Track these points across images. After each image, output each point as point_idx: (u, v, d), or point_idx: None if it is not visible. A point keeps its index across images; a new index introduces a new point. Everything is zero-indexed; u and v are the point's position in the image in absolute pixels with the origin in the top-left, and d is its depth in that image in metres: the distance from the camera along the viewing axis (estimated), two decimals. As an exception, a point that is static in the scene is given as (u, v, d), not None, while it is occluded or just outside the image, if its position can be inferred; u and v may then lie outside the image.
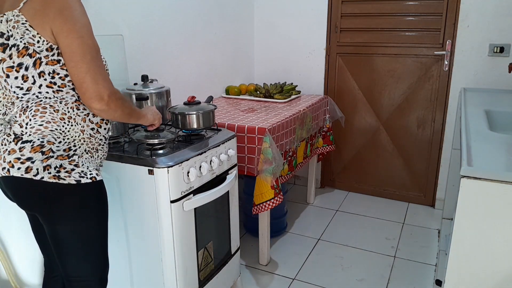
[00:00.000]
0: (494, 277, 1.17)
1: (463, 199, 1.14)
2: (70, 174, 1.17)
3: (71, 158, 1.19)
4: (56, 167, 1.15)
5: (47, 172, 1.14)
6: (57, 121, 1.17)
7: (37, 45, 1.12)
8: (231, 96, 2.83)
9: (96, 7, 1.80)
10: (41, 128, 1.15)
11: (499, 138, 1.41)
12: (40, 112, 1.16)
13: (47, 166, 1.14)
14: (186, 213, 1.54)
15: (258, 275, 2.23)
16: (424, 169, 2.95)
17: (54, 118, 1.17)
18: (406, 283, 2.13)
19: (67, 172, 1.17)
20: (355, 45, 2.93)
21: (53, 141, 1.16)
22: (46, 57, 1.13)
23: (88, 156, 1.25)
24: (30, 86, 1.15)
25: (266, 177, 2.02)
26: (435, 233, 2.63)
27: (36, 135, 1.15)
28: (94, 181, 1.23)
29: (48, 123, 1.16)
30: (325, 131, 2.87)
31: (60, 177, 1.16)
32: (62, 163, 1.17)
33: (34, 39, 1.11)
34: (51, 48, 1.13)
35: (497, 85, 2.56)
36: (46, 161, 1.14)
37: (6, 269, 1.68)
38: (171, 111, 1.76)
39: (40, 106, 1.16)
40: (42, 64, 1.13)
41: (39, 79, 1.15)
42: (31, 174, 1.13)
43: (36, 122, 1.15)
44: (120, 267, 1.67)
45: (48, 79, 1.15)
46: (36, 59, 1.13)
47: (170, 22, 2.27)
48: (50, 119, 1.16)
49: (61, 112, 1.17)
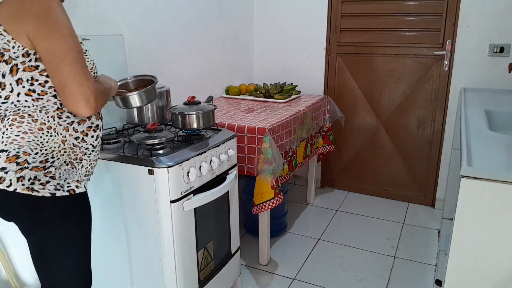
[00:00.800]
0: (494, 277, 1.17)
1: (463, 199, 1.14)
2: (45, 186, 1.11)
3: (47, 170, 1.12)
4: (30, 178, 1.09)
5: (20, 184, 1.08)
6: (34, 132, 1.11)
7: (12, 51, 1.06)
8: (231, 96, 2.83)
9: (96, 7, 1.81)
10: (17, 139, 1.09)
11: (499, 138, 1.41)
12: (17, 121, 1.10)
13: (21, 177, 1.08)
14: (186, 213, 1.54)
15: (258, 275, 2.23)
16: (424, 169, 2.95)
17: (32, 129, 1.10)
18: (406, 283, 2.13)
19: (41, 184, 1.10)
20: (355, 45, 2.93)
21: (29, 152, 1.10)
22: (23, 63, 1.07)
23: (69, 167, 1.18)
24: (8, 94, 1.09)
25: (266, 177, 2.02)
26: (435, 233, 2.63)
27: (12, 145, 1.09)
28: (72, 194, 1.16)
29: (24, 133, 1.10)
30: (325, 131, 2.87)
31: (34, 189, 1.09)
32: (37, 174, 1.10)
33: (9, 45, 1.05)
34: (28, 54, 1.07)
35: (497, 85, 2.56)
36: (19, 172, 1.08)
37: (6, 269, 1.69)
38: (171, 111, 1.76)
39: (18, 115, 1.10)
40: (19, 71, 1.08)
41: (17, 86, 1.09)
42: (4, 184, 1.07)
43: (13, 132, 1.09)
44: (120, 267, 1.67)
45: (27, 87, 1.09)
46: (12, 65, 1.07)
47: (170, 22, 2.27)
48: (27, 129, 1.10)
49: (40, 121, 1.11)
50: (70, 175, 1.18)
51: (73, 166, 1.20)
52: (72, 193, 1.16)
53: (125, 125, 1.89)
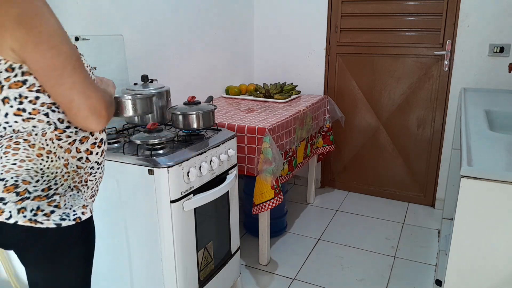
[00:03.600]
0: (494, 277, 1.17)
1: (463, 199, 1.14)
2: (49, 217, 0.98)
3: (51, 199, 0.99)
4: (33, 209, 0.96)
5: (21, 215, 0.95)
6: (33, 159, 0.97)
7: None
8: (231, 96, 2.83)
9: (96, 7, 1.81)
10: (14, 167, 0.96)
11: (499, 138, 1.41)
12: (12, 148, 0.96)
13: (22, 208, 0.95)
14: (186, 213, 1.54)
15: (258, 275, 2.23)
16: (424, 169, 2.95)
17: (30, 155, 0.97)
18: (406, 283, 2.13)
19: (45, 215, 0.97)
20: (355, 45, 2.93)
21: (29, 180, 0.97)
22: (7, 79, 0.92)
23: (74, 192, 1.05)
24: None
25: (266, 177, 2.02)
26: (435, 233, 2.63)
27: (9, 174, 0.96)
28: (78, 222, 1.03)
29: (22, 161, 0.97)
30: (325, 131, 2.87)
31: (37, 221, 0.96)
32: (39, 204, 0.97)
33: None
34: (12, 68, 0.91)
35: (497, 85, 2.56)
36: (20, 203, 0.95)
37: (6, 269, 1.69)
38: (171, 111, 1.76)
39: (12, 142, 0.96)
40: (4, 88, 0.92)
41: (4, 106, 0.94)
42: (3, 217, 0.94)
43: (9, 160, 0.96)
44: (120, 267, 1.67)
45: (15, 106, 0.94)
46: None
47: (170, 22, 2.27)
48: (24, 157, 0.97)
49: (38, 146, 0.97)
50: (76, 201, 1.06)
51: (78, 190, 1.08)
52: (78, 221, 1.03)
53: (125, 125, 1.89)
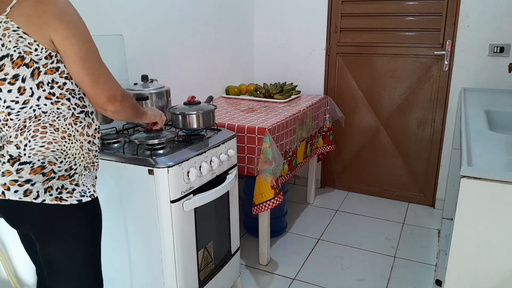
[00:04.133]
0: (494, 277, 1.17)
1: (463, 199, 1.14)
2: (72, 194, 1.13)
3: (72, 178, 1.13)
4: (58, 188, 1.10)
5: (48, 194, 1.08)
6: (58, 141, 1.10)
7: (34, 53, 1.03)
8: (231, 96, 2.83)
9: (96, 7, 1.81)
10: (42, 149, 1.08)
11: (499, 138, 1.41)
12: (40, 132, 1.08)
13: (49, 188, 1.09)
14: (186, 213, 1.54)
15: (258, 275, 2.23)
16: (424, 169, 2.95)
17: (56, 138, 1.10)
18: (406, 283, 2.13)
19: (68, 192, 1.12)
20: (355, 45, 2.93)
21: (54, 161, 1.10)
22: (45, 65, 1.05)
23: (87, 172, 1.19)
24: (27, 99, 1.06)
25: (266, 177, 2.02)
26: (435, 233, 2.63)
27: (37, 157, 1.08)
28: (92, 198, 1.18)
29: (49, 143, 1.09)
30: (325, 131, 2.87)
31: (63, 199, 1.11)
32: (63, 183, 1.11)
33: (31, 47, 1.02)
34: (50, 56, 1.06)
35: (497, 85, 2.56)
36: (47, 182, 1.08)
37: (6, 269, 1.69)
38: (171, 111, 1.76)
39: (40, 126, 1.08)
40: (41, 74, 1.05)
41: (38, 90, 1.06)
42: (31, 197, 1.07)
43: (37, 143, 1.08)
44: (120, 267, 1.67)
45: (47, 90, 1.08)
46: (34, 68, 1.04)
47: (170, 22, 2.27)
48: (51, 139, 1.09)
49: (61, 130, 1.11)
50: (88, 180, 1.19)
51: (89, 170, 1.20)
52: (93, 197, 1.18)
53: (125, 125, 1.89)
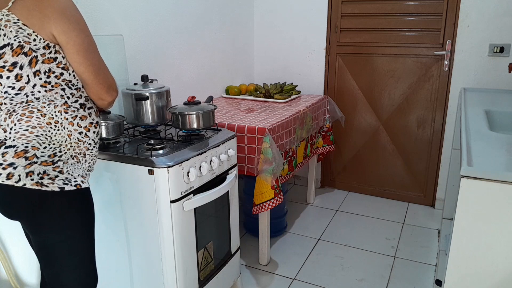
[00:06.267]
0: (494, 277, 1.17)
1: (463, 199, 1.14)
2: (54, 181, 1.13)
3: (56, 164, 1.15)
4: (40, 173, 1.11)
5: (29, 179, 1.09)
6: (43, 126, 1.13)
7: (33, 43, 1.09)
8: (231, 96, 2.83)
9: (96, 7, 1.81)
10: (26, 133, 1.11)
11: (499, 138, 1.41)
12: (26, 116, 1.12)
13: (30, 172, 1.10)
14: (186, 213, 1.54)
15: (258, 275, 2.23)
16: (424, 169, 2.95)
17: (41, 123, 1.13)
18: (406, 283, 2.13)
19: (50, 178, 1.12)
20: (355, 45, 2.93)
21: (37, 146, 1.12)
22: (43, 55, 1.11)
23: (74, 161, 1.21)
24: (23, 85, 1.11)
25: (266, 177, 2.02)
26: (435, 233, 2.63)
27: (20, 140, 1.11)
28: (78, 188, 1.19)
29: (34, 128, 1.12)
30: (325, 131, 2.87)
31: (43, 184, 1.11)
32: (46, 169, 1.12)
33: (30, 37, 1.08)
34: (48, 46, 1.11)
35: (497, 85, 2.56)
36: (29, 167, 1.10)
37: (6, 269, 1.69)
38: (171, 111, 1.76)
39: (27, 110, 1.12)
40: (38, 63, 1.11)
41: (34, 78, 1.12)
42: (13, 180, 1.08)
43: (22, 127, 1.11)
44: (120, 267, 1.67)
45: (44, 78, 1.13)
46: (32, 57, 1.10)
47: (170, 22, 2.27)
48: (36, 124, 1.12)
49: (48, 116, 1.14)
50: (75, 170, 1.20)
51: (78, 160, 1.22)
52: (79, 187, 1.19)
53: (125, 125, 1.88)
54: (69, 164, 1.18)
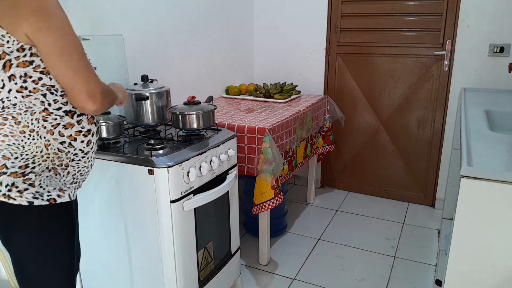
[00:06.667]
0: (494, 277, 1.17)
1: (463, 199, 1.14)
2: (22, 194, 1.03)
3: (27, 176, 1.05)
4: (8, 185, 1.02)
5: None
6: (15, 135, 1.04)
7: (6, 46, 1.00)
8: (231, 96, 2.83)
9: (96, 7, 1.81)
10: None
11: (499, 138, 1.41)
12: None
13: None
14: (186, 213, 1.54)
15: (258, 275, 2.23)
16: (424, 169, 2.95)
17: (13, 131, 1.04)
18: (406, 283, 2.13)
19: (19, 191, 1.03)
20: (355, 45, 2.93)
21: (8, 156, 1.04)
22: (17, 58, 1.01)
23: (51, 174, 1.10)
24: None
25: (266, 177, 2.02)
26: (435, 233, 2.63)
27: None
28: (52, 203, 1.07)
29: (5, 136, 1.04)
30: (325, 131, 2.87)
31: (11, 197, 1.02)
32: (15, 181, 1.03)
33: (3, 39, 0.99)
34: (22, 49, 1.01)
35: (497, 85, 2.56)
36: None
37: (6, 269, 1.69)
38: (171, 111, 1.76)
39: (1, 117, 1.04)
40: (13, 67, 1.01)
41: (9, 83, 1.02)
42: None
43: None
44: (120, 267, 1.67)
45: (19, 83, 1.03)
46: (5, 61, 1.01)
47: (170, 22, 2.27)
48: (8, 132, 1.04)
49: (22, 124, 1.04)
50: (51, 183, 1.10)
51: (56, 172, 1.12)
52: (53, 202, 1.08)
53: (125, 125, 1.88)
54: (43, 177, 1.08)
